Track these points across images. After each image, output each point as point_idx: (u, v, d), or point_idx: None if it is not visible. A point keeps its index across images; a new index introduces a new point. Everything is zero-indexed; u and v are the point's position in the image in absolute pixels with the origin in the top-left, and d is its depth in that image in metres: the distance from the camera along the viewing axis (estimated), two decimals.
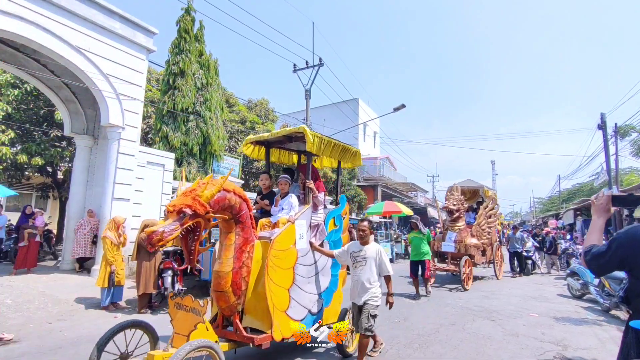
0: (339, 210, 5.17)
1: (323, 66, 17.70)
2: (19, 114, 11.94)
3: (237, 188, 3.73)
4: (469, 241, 10.26)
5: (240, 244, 3.72)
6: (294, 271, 4.21)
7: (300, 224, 4.33)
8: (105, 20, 8.99)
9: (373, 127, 35.61)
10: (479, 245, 10.58)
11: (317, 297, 4.55)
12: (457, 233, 10.27)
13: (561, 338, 5.50)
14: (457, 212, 10.38)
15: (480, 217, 11.17)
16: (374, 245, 4.26)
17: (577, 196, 32.66)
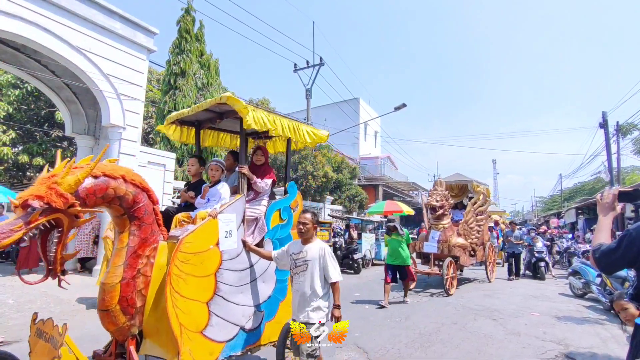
0: (286, 201, 4.33)
1: (324, 66, 17.72)
2: (20, 115, 11.97)
3: (131, 173, 3.01)
4: (454, 241, 9.27)
5: (135, 247, 2.97)
6: (216, 279, 3.32)
7: (226, 219, 3.48)
8: (105, 21, 8.99)
9: (374, 126, 35.60)
10: (465, 246, 9.62)
11: (254, 309, 3.69)
12: (442, 232, 9.31)
13: (563, 337, 5.49)
14: (441, 209, 9.38)
15: (468, 214, 10.22)
16: (317, 244, 3.37)
17: (578, 195, 32.63)
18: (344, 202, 19.55)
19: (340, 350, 4.67)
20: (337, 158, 20.73)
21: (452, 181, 11.57)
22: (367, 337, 5.28)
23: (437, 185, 9.95)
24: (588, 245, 13.31)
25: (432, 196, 9.55)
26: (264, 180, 4.11)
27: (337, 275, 3.26)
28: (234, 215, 3.58)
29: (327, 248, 3.37)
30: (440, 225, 9.41)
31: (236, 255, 3.56)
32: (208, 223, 3.33)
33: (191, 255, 3.13)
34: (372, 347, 4.83)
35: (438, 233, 9.31)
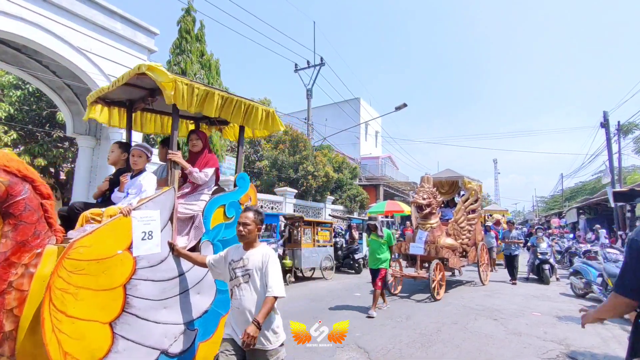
0: (233, 195, 3.63)
1: (324, 66, 17.73)
2: (21, 115, 12.00)
3: (5, 157, 2.44)
4: (442, 241, 8.64)
5: (7, 253, 2.36)
6: (126, 293, 2.67)
7: (144, 217, 2.85)
8: (106, 21, 9.02)
9: (375, 126, 35.58)
10: (455, 246, 8.95)
11: (184, 327, 3.05)
12: (429, 232, 8.64)
13: (564, 337, 5.48)
14: (429, 208, 8.66)
15: (458, 212, 9.52)
16: (261, 249, 2.71)
17: (579, 195, 32.58)
18: (345, 202, 19.55)
19: (341, 350, 4.68)
20: (338, 158, 20.73)
21: (442, 177, 10.88)
22: (368, 337, 5.28)
23: (423, 181, 9.19)
24: (589, 245, 13.29)
25: (418, 193, 8.82)
26: (204, 170, 3.48)
27: (278, 289, 2.53)
28: (158, 212, 2.95)
29: (272, 254, 2.70)
30: (427, 224, 8.75)
31: (159, 262, 2.91)
32: (115, 222, 2.67)
33: (87, 263, 2.47)
34: (373, 347, 4.84)
35: (425, 233, 8.63)
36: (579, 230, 21.51)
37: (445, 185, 11.12)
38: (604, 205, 19.87)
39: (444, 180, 10.92)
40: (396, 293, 8.64)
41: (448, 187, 11.21)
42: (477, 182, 10.64)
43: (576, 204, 25.91)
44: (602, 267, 7.90)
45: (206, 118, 4.31)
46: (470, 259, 9.75)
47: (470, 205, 9.93)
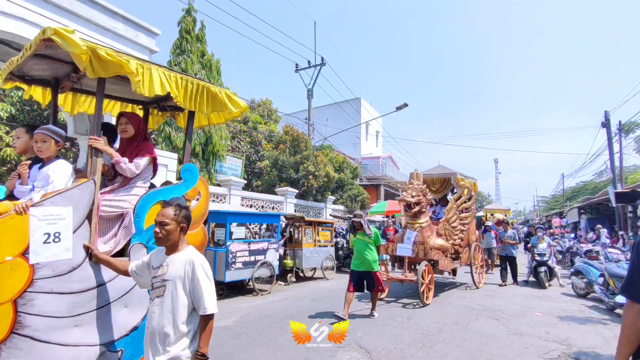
0: (176, 190, 3.11)
1: (325, 66, 17.74)
2: (22, 116, 12.02)
3: None
4: (432, 242, 8.11)
5: None
6: (17, 309, 2.19)
7: (48, 215, 2.35)
8: (107, 21, 9.02)
9: (375, 126, 35.57)
10: (445, 247, 8.40)
11: (103, 349, 2.55)
12: (418, 232, 8.15)
13: (565, 337, 5.48)
14: (418, 206, 8.14)
15: (450, 211, 8.93)
16: (185, 255, 2.19)
17: (581, 194, 32.53)
18: (346, 202, 19.54)
19: (343, 350, 4.68)
20: (339, 158, 20.73)
21: (433, 175, 10.26)
22: (369, 337, 5.27)
23: (412, 178, 8.63)
24: (590, 244, 13.28)
25: (406, 191, 8.26)
26: (135, 161, 3.00)
27: (210, 305, 2.06)
28: (69, 209, 2.45)
29: (197, 260, 2.15)
30: (416, 224, 8.24)
31: (70, 270, 2.42)
32: (4, 222, 2.20)
33: None
34: (375, 347, 4.84)
35: (414, 233, 8.11)
36: (580, 230, 21.47)
37: (436, 183, 10.58)
38: (606, 205, 19.83)
39: (436, 178, 10.35)
40: (382, 297, 7.99)
41: (440, 185, 10.64)
42: (471, 180, 10.09)
43: (577, 203, 25.88)
44: (604, 267, 7.89)
45: (156, 102, 3.74)
46: (464, 260, 9.25)
47: (463, 204, 9.39)
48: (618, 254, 8.80)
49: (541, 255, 9.96)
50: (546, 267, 9.98)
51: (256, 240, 9.05)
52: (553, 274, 10.23)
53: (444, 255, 8.35)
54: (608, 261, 8.33)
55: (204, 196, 3.33)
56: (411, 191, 8.21)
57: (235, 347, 4.77)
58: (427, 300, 7.45)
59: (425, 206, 8.37)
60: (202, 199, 3.31)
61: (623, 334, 1.63)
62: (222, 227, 8.15)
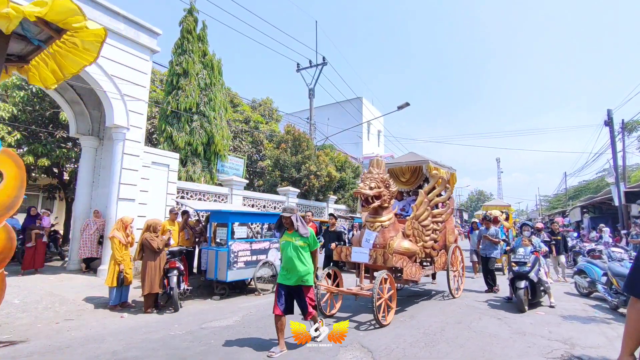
0: None
1: (326, 65, 17.72)
2: (25, 116, 12.04)
3: None
4: (396, 245, 6.48)
5: None
6: None
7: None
8: (109, 22, 9.03)
9: (377, 125, 35.54)
10: (412, 251, 6.78)
11: None
12: (379, 233, 6.58)
13: (569, 336, 5.45)
14: (378, 200, 6.53)
15: (419, 206, 7.32)
16: None
17: (583, 193, 32.46)
18: (348, 202, 19.53)
19: (345, 350, 4.67)
20: (341, 157, 20.71)
21: (402, 163, 8.58)
22: (371, 336, 5.26)
23: (372, 166, 6.92)
24: (593, 244, 13.24)
25: (364, 182, 6.63)
26: None
27: None
28: None
29: None
30: (376, 223, 6.64)
31: None
32: None
33: None
34: (377, 346, 4.83)
35: (374, 234, 6.59)
36: (583, 229, 21.41)
37: (406, 173, 8.84)
38: (608, 204, 19.77)
39: (405, 167, 8.62)
40: (333, 313, 6.42)
41: (410, 175, 8.86)
42: (448, 170, 8.66)
43: (580, 202, 25.81)
44: (607, 266, 7.86)
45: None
46: (439, 265, 7.82)
47: (436, 198, 7.85)
48: (621, 252, 8.78)
49: (520, 265, 7.09)
50: (527, 281, 7.01)
51: (258, 239, 9.05)
52: (537, 294, 7.23)
53: (411, 261, 6.76)
54: (611, 260, 8.31)
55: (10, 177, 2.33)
56: (369, 181, 6.56)
57: (237, 347, 4.77)
58: (384, 320, 5.76)
59: (388, 200, 6.70)
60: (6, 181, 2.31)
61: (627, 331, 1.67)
62: (224, 226, 8.15)
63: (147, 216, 9.40)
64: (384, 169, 7.03)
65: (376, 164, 6.91)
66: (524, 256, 7.20)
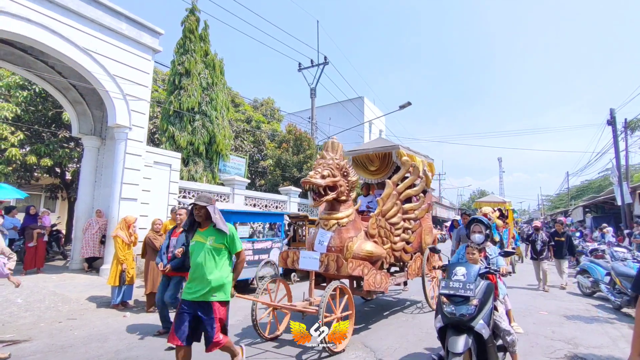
0: None
1: (328, 65, 17.70)
2: (27, 116, 12.07)
3: None
4: (356, 248, 5.20)
5: None
6: None
7: None
8: (111, 22, 9.04)
9: (379, 125, 35.51)
10: (376, 256, 5.45)
11: None
12: (335, 233, 5.26)
13: (572, 336, 5.43)
14: (333, 192, 5.21)
15: (386, 200, 5.98)
16: None
17: (586, 193, 32.35)
18: None
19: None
20: None
21: (369, 149, 7.24)
22: (374, 335, 5.26)
23: (326, 150, 5.52)
24: (596, 243, 13.18)
25: (315, 169, 5.26)
26: None
27: None
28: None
29: None
30: (331, 220, 5.29)
31: None
32: None
33: None
34: (379, 346, 4.82)
35: (328, 235, 5.25)
36: (585, 229, 21.34)
37: (375, 161, 7.59)
38: (611, 204, 19.71)
39: (372, 154, 7.34)
40: (276, 335, 5.10)
41: (380, 164, 7.58)
42: (425, 158, 7.37)
43: (582, 202, 25.73)
44: (610, 266, 7.83)
45: None
46: (412, 272, 6.52)
47: (406, 190, 6.42)
48: (624, 252, 8.74)
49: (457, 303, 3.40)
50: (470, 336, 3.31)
51: (260, 239, 9.04)
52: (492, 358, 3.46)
53: (375, 268, 5.47)
54: (614, 260, 8.27)
55: None
56: (322, 169, 5.16)
57: None
58: (336, 347, 4.43)
59: (346, 192, 5.39)
60: None
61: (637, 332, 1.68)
62: None
63: (149, 216, 9.42)
64: (342, 154, 5.58)
65: (331, 148, 5.50)
66: (465, 284, 3.46)
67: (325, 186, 5.09)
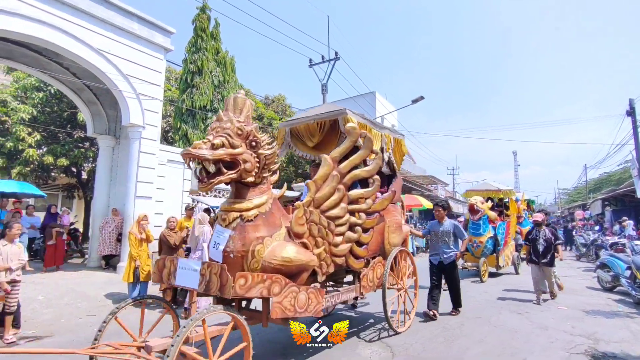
0: None
1: (339, 60, 17.61)
2: (44, 117, 12.31)
3: None
4: (269, 253, 3.52)
5: None
6: None
7: None
8: (123, 22, 9.13)
9: (391, 120, 35.24)
10: (299, 264, 3.70)
11: None
12: (237, 231, 3.51)
13: (592, 331, 5.32)
14: (233, 171, 3.45)
15: (320, 182, 4.33)
16: None
17: (605, 186, 31.60)
18: None
19: (364, 344, 4.64)
20: None
21: (309, 117, 5.24)
22: (390, 331, 5.22)
23: (227, 109, 3.70)
24: (616, 237, 12.88)
25: (206, 139, 3.39)
26: None
27: None
28: None
29: None
30: (232, 213, 3.58)
31: None
32: None
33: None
34: (396, 341, 4.79)
35: (226, 234, 3.53)
36: (605, 223, 20.87)
37: (315, 134, 5.56)
38: (631, 197, 19.20)
39: (313, 124, 5.28)
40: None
41: (323, 137, 5.66)
42: (389, 133, 5.70)
43: (601, 195, 25.14)
44: (631, 260, 7.64)
45: None
46: (367, 283, 4.72)
47: (356, 171, 4.46)
48: None
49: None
50: None
51: None
52: None
53: (296, 283, 3.68)
54: (635, 254, 8.07)
55: None
56: (214, 135, 3.42)
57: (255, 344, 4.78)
58: None
59: (254, 172, 3.64)
60: None
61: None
62: None
63: (164, 214, 9.52)
64: (249, 115, 3.72)
65: (233, 106, 3.66)
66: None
67: (217, 161, 3.30)
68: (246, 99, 3.82)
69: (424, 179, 33.48)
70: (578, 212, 28.46)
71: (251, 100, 3.88)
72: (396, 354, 4.37)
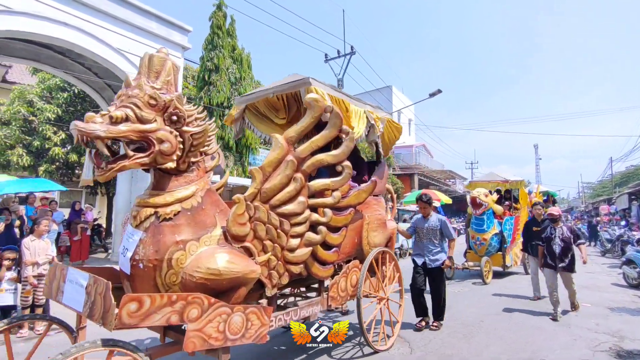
0: None
1: (355, 54, 17.51)
2: (68, 116, 12.67)
3: None
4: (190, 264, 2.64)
5: None
6: None
7: None
8: (142, 21, 9.30)
9: (408, 114, 34.88)
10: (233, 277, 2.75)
11: None
12: (149, 232, 2.68)
13: (617, 329, 5.18)
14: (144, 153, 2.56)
15: (269, 170, 3.18)
16: None
17: (631, 179, 30.58)
18: None
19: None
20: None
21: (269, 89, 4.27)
22: (408, 326, 5.21)
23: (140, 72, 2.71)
24: None
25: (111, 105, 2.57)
26: None
27: None
28: None
29: None
30: (146, 209, 2.76)
31: None
32: None
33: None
34: (415, 337, 4.78)
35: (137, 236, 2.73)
36: (631, 217, 20.23)
37: (280, 109, 4.89)
38: None
39: (272, 97, 4.33)
40: None
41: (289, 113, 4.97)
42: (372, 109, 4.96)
43: (628, 189, 24.36)
44: None
45: None
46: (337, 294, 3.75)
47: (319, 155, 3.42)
48: None
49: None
50: None
51: None
52: None
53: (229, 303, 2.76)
54: None
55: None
56: (116, 106, 2.53)
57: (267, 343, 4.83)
58: None
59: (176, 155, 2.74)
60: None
61: None
62: None
63: None
64: (171, 81, 2.79)
65: (147, 68, 2.72)
66: None
67: (118, 140, 2.52)
68: (167, 58, 2.80)
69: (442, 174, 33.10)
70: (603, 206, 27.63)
71: (175, 63, 2.90)
72: (415, 350, 4.36)
